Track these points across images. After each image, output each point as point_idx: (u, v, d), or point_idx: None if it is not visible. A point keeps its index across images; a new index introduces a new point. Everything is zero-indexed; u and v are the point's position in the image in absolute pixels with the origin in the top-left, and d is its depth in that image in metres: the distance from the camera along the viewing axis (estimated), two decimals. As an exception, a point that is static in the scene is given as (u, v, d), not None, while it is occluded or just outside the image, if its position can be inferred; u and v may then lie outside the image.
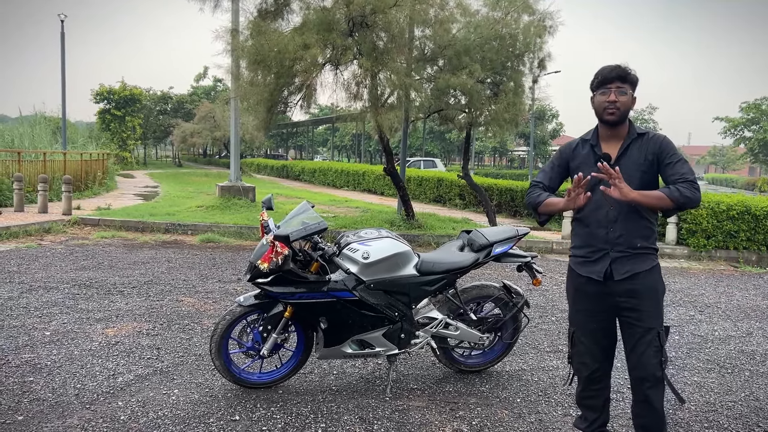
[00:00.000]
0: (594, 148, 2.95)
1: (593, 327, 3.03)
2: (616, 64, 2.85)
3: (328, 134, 65.88)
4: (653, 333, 2.84)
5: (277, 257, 3.47)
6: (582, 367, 3.13)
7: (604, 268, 2.89)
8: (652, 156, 2.83)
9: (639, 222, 2.85)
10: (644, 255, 2.87)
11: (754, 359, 5.03)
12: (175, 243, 10.09)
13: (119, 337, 4.93)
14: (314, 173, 29.86)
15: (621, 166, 2.83)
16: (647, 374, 2.86)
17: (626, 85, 2.82)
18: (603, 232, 2.89)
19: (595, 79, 2.89)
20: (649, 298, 2.86)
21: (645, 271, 2.86)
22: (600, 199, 2.86)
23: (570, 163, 3.05)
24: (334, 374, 4.31)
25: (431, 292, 4.04)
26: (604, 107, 2.84)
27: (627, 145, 2.88)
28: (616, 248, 2.86)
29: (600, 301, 2.96)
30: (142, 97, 41.48)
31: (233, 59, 10.56)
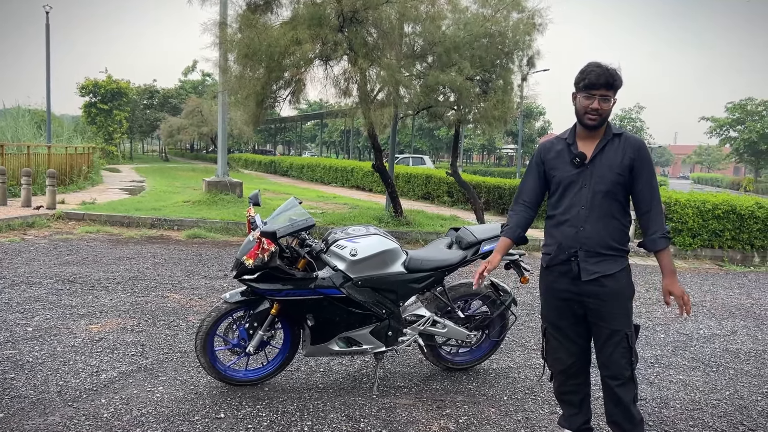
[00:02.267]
0: (570, 147, 2.94)
1: (564, 324, 3.04)
2: (604, 67, 2.78)
3: (317, 130, 65.69)
4: (620, 335, 2.85)
5: (263, 254, 3.44)
6: (556, 363, 3.13)
7: (573, 267, 2.89)
8: (628, 160, 2.82)
9: (610, 222, 2.84)
10: (613, 257, 2.86)
11: (738, 358, 5.07)
12: (161, 238, 10.01)
13: (103, 334, 4.87)
14: (302, 169, 29.76)
15: (595, 167, 2.85)
16: (616, 373, 2.88)
17: (611, 92, 2.79)
18: (573, 231, 2.88)
19: (581, 80, 2.82)
20: (615, 302, 2.85)
21: (613, 274, 2.84)
22: (573, 198, 2.88)
23: (545, 163, 3.03)
24: (320, 372, 4.28)
25: (419, 289, 4.03)
26: (585, 112, 2.82)
27: (603, 145, 2.86)
28: (585, 248, 2.85)
29: (568, 299, 2.96)
30: (129, 91, 41.06)
31: (221, 52, 10.46)
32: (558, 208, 2.95)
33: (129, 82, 41.02)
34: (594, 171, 2.84)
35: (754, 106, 49.29)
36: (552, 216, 3.01)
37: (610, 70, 2.78)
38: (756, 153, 49.95)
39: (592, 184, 2.84)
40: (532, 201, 3.12)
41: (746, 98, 49.84)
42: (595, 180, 2.84)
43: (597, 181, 2.83)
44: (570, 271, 2.91)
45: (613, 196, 2.83)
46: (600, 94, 2.77)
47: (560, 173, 2.93)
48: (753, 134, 48.04)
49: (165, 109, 48.26)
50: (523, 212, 3.13)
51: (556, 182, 2.96)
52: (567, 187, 2.90)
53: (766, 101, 48.41)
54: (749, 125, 48.84)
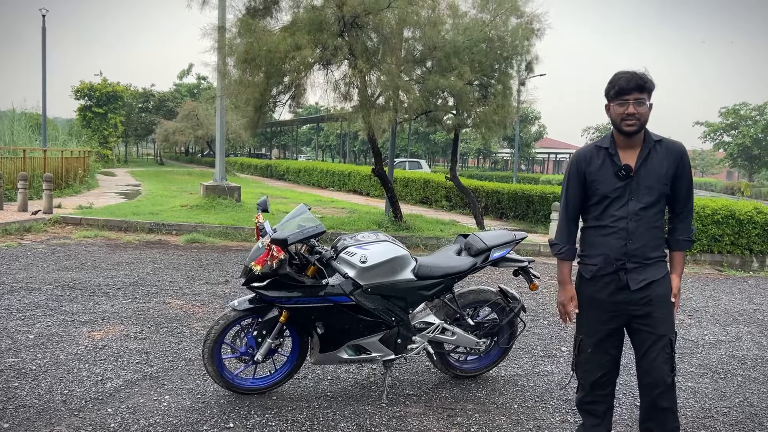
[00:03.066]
0: (613, 158, 2.85)
1: (602, 335, 2.97)
2: (632, 72, 2.75)
3: (312, 134, 65.62)
4: (665, 340, 2.81)
5: (272, 261, 3.40)
6: (587, 375, 3.06)
7: (621, 277, 2.85)
8: (673, 169, 2.82)
9: (654, 233, 2.84)
10: (657, 263, 2.86)
11: (745, 364, 5.05)
12: (160, 243, 9.94)
13: (106, 341, 4.81)
14: (299, 173, 29.70)
15: (640, 178, 2.80)
16: (658, 380, 2.82)
17: (644, 95, 2.74)
18: (621, 243, 2.83)
19: (612, 89, 2.78)
20: (662, 306, 2.85)
21: (659, 279, 2.85)
22: (619, 210, 2.83)
23: (587, 175, 2.93)
24: (328, 379, 4.24)
25: (428, 296, 3.99)
26: (622, 119, 2.76)
27: (646, 154, 2.81)
28: (633, 260, 2.83)
29: (612, 309, 2.91)
30: (124, 94, 40.96)
31: (221, 57, 10.43)
32: (603, 219, 2.89)
33: (127, 87, 40.94)
34: (640, 182, 2.79)
35: (747, 111, 49.60)
36: (595, 227, 2.94)
37: (639, 73, 2.74)
38: (750, 158, 50.25)
39: (639, 197, 2.80)
40: (577, 214, 3.05)
41: (740, 103, 50.14)
42: (642, 192, 2.80)
43: (644, 193, 2.79)
44: (617, 281, 2.87)
45: (658, 206, 2.84)
46: (633, 98, 2.72)
47: (604, 186, 2.86)
48: (747, 139, 48.34)
49: (160, 112, 48.17)
50: (574, 228, 3.06)
51: (599, 195, 2.88)
52: (613, 201, 2.85)
53: (759, 106, 48.72)
54: (743, 130, 49.13)
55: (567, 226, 3.05)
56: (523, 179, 37.28)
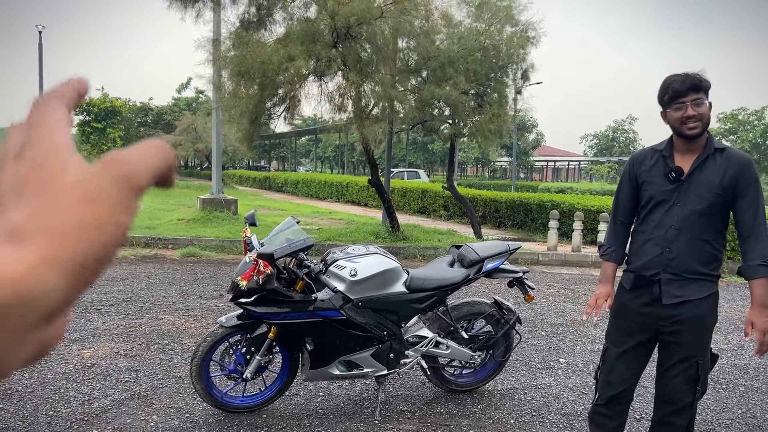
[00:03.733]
0: (666, 159, 2.72)
1: (628, 347, 2.83)
2: (684, 73, 2.62)
3: (311, 145, 65.69)
4: (691, 361, 2.65)
5: (258, 276, 3.32)
6: (606, 386, 2.92)
7: (654, 288, 2.70)
8: (729, 180, 2.57)
9: (700, 246, 2.62)
10: (700, 281, 2.64)
11: (747, 374, 4.96)
12: (156, 257, 9.86)
13: (96, 359, 4.73)
14: (297, 185, 29.66)
15: (692, 184, 2.63)
16: (673, 398, 2.69)
17: (701, 94, 2.58)
18: (658, 251, 2.68)
19: (665, 94, 2.65)
20: (693, 329, 2.65)
21: (697, 300, 2.64)
22: (662, 215, 2.69)
23: (638, 177, 2.83)
24: (320, 396, 4.15)
25: (421, 309, 3.91)
26: (682, 122, 2.61)
27: (703, 160, 2.63)
28: (669, 270, 2.65)
29: (641, 321, 2.78)
30: (123, 109, 41.02)
31: (215, 70, 10.40)
32: (645, 224, 2.77)
33: (126, 101, 41.01)
34: (690, 188, 2.62)
35: (746, 116, 49.64)
36: (638, 232, 2.83)
37: (692, 74, 2.61)
38: (749, 162, 50.13)
39: (686, 203, 2.63)
40: (628, 218, 2.94)
41: (738, 108, 50.21)
42: (690, 198, 2.62)
43: (693, 200, 2.62)
44: (650, 293, 2.73)
45: (708, 218, 2.62)
46: (690, 100, 2.57)
47: (653, 188, 2.73)
48: (746, 144, 48.31)
49: (159, 126, 48.24)
50: (621, 231, 2.96)
51: (647, 197, 2.76)
52: (658, 204, 2.70)
53: (758, 111, 48.76)
54: (741, 135, 49.14)
55: (614, 227, 2.97)
56: (522, 187, 37.22)
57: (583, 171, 72.34)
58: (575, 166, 69.02)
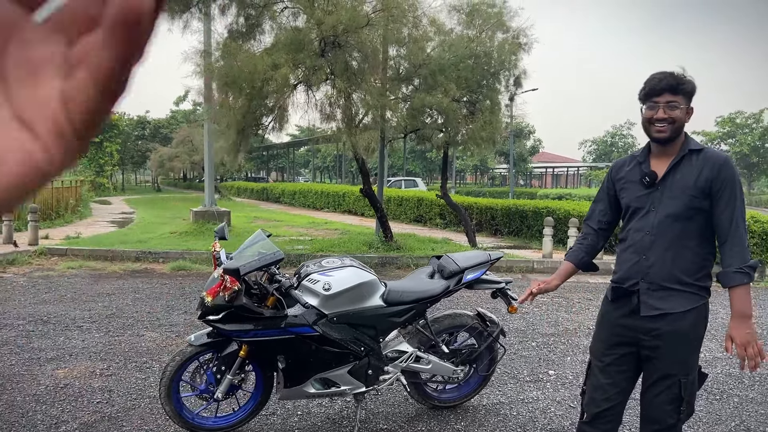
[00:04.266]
0: (641, 165, 2.63)
1: (610, 360, 2.68)
2: (666, 72, 2.50)
3: (310, 155, 65.68)
4: (673, 380, 2.49)
5: (225, 292, 3.19)
6: (591, 404, 2.75)
7: (633, 299, 2.57)
8: (705, 180, 2.44)
9: (681, 252, 2.47)
10: (682, 293, 2.48)
11: (742, 383, 4.81)
12: (145, 272, 9.73)
13: (69, 379, 4.58)
14: (294, 195, 29.55)
15: (666, 187, 2.52)
16: (656, 418, 2.54)
17: (678, 98, 2.45)
18: (635, 258, 2.55)
19: (643, 90, 2.54)
20: (675, 344, 2.49)
21: (678, 313, 2.47)
22: (638, 222, 2.58)
23: (615, 184, 2.75)
24: (298, 415, 4.00)
25: (400, 323, 3.77)
26: (650, 122, 2.51)
27: (677, 162, 2.52)
28: (647, 279, 2.51)
29: (620, 334, 2.64)
30: (120, 123, 41.02)
31: (204, 81, 10.32)
32: (626, 232, 2.67)
33: (122, 115, 40.97)
34: (665, 192, 2.52)
35: (743, 119, 49.60)
36: (621, 241, 2.72)
37: (674, 74, 2.47)
38: (748, 166, 50.13)
39: (661, 208, 2.52)
40: (600, 225, 2.84)
41: (735, 112, 50.17)
42: (665, 203, 2.51)
43: (667, 204, 2.50)
44: (629, 304, 2.59)
45: (686, 222, 2.48)
46: (664, 101, 2.45)
47: (629, 194, 2.64)
48: (744, 147, 48.26)
49: (156, 139, 48.23)
50: (590, 236, 2.86)
51: (625, 204, 2.68)
52: (635, 211, 2.61)
53: (755, 114, 48.72)
54: (740, 138, 49.10)
55: (584, 229, 2.91)
56: (521, 194, 37.11)
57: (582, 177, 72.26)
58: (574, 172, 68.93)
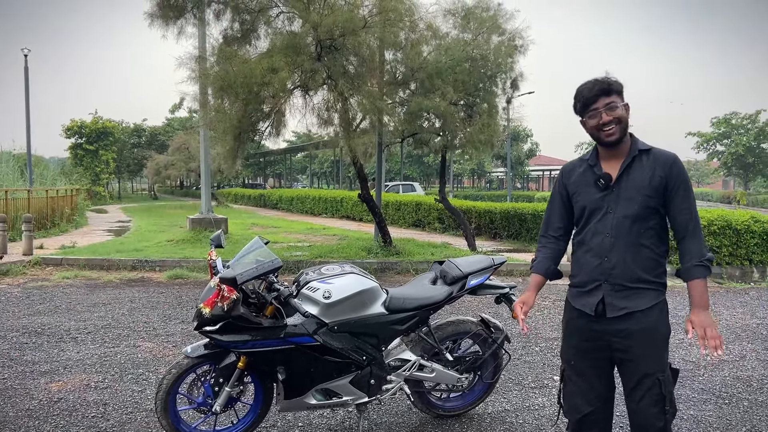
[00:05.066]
0: (593, 168, 2.63)
1: (584, 366, 2.68)
2: (594, 79, 2.54)
3: (307, 161, 65.58)
4: (652, 379, 2.49)
5: (222, 302, 3.08)
6: (572, 410, 2.74)
7: (597, 301, 2.56)
8: (658, 179, 2.49)
9: (640, 252, 2.51)
10: (644, 291, 2.51)
11: (750, 386, 4.72)
12: (141, 281, 9.61)
13: (63, 393, 4.47)
14: (292, 201, 29.45)
15: (621, 189, 2.53)
16: (646, 424, 2.51)
17: (613, 97, 2.50)
18: (597, 261, 2.56)
19: (578, 103, 2.57)
20: (645, 341, 2.50)
21: (643, 310, 2.50)
22: (596, 224, 2.57)
23: (568, 188, 2.74)
24: (299, 427, 3.90)
25: (402, 331, 3.67)
26: (599, 129, 2.53)
27: (629, 163, 2.54)
28: (611, 281, 2.53)
29: (591, 338, 2.63)
30: (115, 131, 40.87)
31: (200, 87, 10.22)
32: (583, 235, 2.65)
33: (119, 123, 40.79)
34: (620, 194, 2.53)
35: (739, 120, 49.67)
36: (577, 244, 2.70)
37: (599, 78, 2.52)
38: (744, 166, 50.20)
39: (618, 209, 2.53)
40: (559, 231, 2.82)
41: (731, 112, 50.25)
42: (622, 204, 2.52)
43: (624, 205, 2.52)
44: (593, 306, 2.57)
45: (643, 222, 2.51)
46: (603, 105, 2.49)
47: (583, 198, 2.63)
48: (740, 147, 48.32)
49: (153, 146, 48.10)
50: (551, 244, 2.84)
51: (579, 208, 2.66)
52: (591, 213, 2.60)
53: (751, 114, 48.80)
54: (735, 139, 49.16)
55: (542, 240, 2.88)
56: (519, 197, 37.07)
57: (579, 179, 72.21)
58: (571, 175, 68.81)
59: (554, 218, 2.82)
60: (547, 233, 2.86)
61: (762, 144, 48.61)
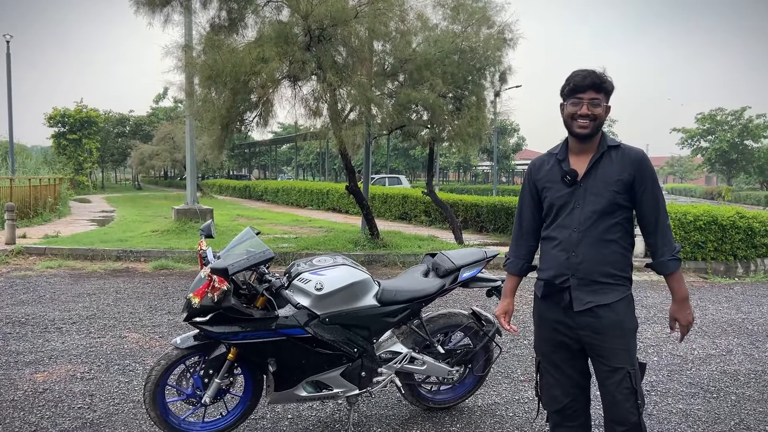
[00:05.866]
0: (561, 163, 2.63)
1: (558, 358, 2.71)
2: (590, 69, 2.53)
3: (293, 153, 65.28)
4: (622, 373, 2.51)
5: (213, 293, 3.04)
6: (551, 401, 2.77)
7: (565, 295, 2.57)
8: (627, 175, 2.51)
9: (607, 246, 2.53)
10: (611, 285, 2.54)
11: (738, 380, 4.75)
12: (126, 271, 9.51)
13: (48, 384, 4.40)
14: (277, 193, 29.30)
15: (589, 184, 2.55)
16: (621, 418, 2.53)
17: (600, 95, 2.51)
18: (564, 255, 2.57)
19: (566, 86, 2.56)
20: (614, 336, 2.52)
21: (610, 305, 2.53)
22: (564, 219, 2.59)
23: (537, 183, 2.74)
24: (288, 419, 3.86)
25: (394, 323, 3.65)
26: (573, 118, 2.53)
27: (597, 159, 2.56)
28: (578, 275, 2.54)
29: (562, 332, 2.65)
30: (99, 120, 40.35)
31: (186, 76, 10.08)
32: (551, 230, 2.66)
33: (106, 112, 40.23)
34: (588, 189, 2.54)
35: (723, 116, 50.13)
36: (545, 238, 2.71)
37: (597, 72, 2.51)
38: (727, 162, 50.70)
39: (586, 204, 2.54)
40: (531, 227, 2.81)
41: (716, 109, 50.72)
42: (589, 199, 2.53)
43: (591, 201, 2.53)
44: (562, 301, 2.59)
45: (610, 216, 2.53)
46: (588, 97, 2.49)
47: (552, 194, 2.63)
48: (723, 144, 48.79)
49: (137, 136, 47.58)
50: (525, 241, 2.84)
51: (548, 203, 2.66)
52: (560, 209, 2.60)
53: (736, 111, 49.27)
54: (719, 135, 49.63)
55: (516, 237, 2.88)
56: (504, 191, 37.18)
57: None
58: (556, 169, 69.19)
59: (525, 214, 2.82)
60: (521, 228, 2.85)
61: (746, 141, 49.13)
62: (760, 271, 10.42)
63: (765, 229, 10.55)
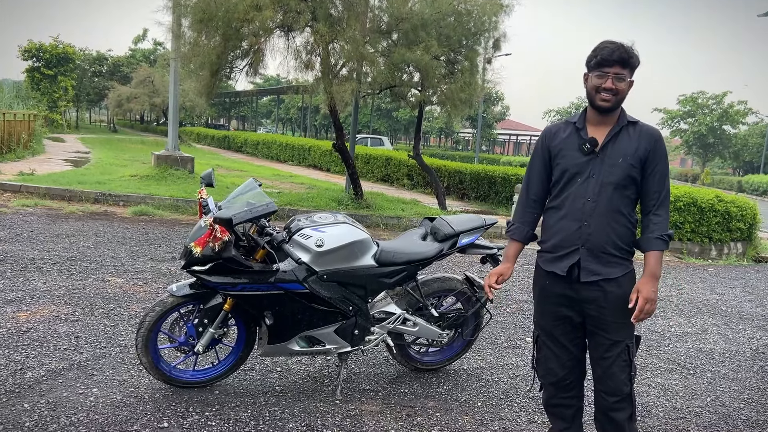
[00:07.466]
0: (580, 131, 2.62)
1: (558, 332, 2.74)
2: (618, 43, 2.50)
3: (273, 106, 64.28)
4: (621, 346, 2.57)
5: (214, 243, 3.00)
6: (548, 374, 2.83)
7: (571, 263, 2.58)
8: (643, 151, 2.53)
9: (618, 219, 2.55)
10: (618, 258, 2.56)
11: (713, 359, 4.90)
12: (105, 215, 9.35)
13: (32, 323, 4.34)
14: (257, 145, 28.93)
15: (606, 155, 2.55)
16: (614, 389, 2.60)
17: (626, 71, 2.50)
18: (576, 225, 2.57)
19: (593, 57, 2.53)
20: (617, 309, 2.55)
21: (615, 279, 2.55)
22: (578, 188, 2.57)
23: (551, 149, 2.70)
24: (277, 372, 3.88)
25: (390, 284, 3.66)
26: (597, 91, 2.52)
27: (616, 132, 2.56)
28: (587, 245, 2.55)
29: (565, 304, 2.67)
30: (76, 57, 39.09)
31: (175, 17, 9.77)
32: (560, 199, 2.64)
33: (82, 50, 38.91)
34: (605, 160, 2.54)
35: (705, 99, 50.58)
36: (552, 208, 2.69)
37: (625, 46, 2.49)
38: (704, 146, 51.40)
39: (602, 175, 2.53)
40: (538, 195, 2.79)
41: (698, 92, 51.11)
42: (605, 170, 2.53)
43: (608, 172, 2.53)
44: (566, 268, 2.60)
45: (623, 190, 2.54)
46: (614, 72, 2.48)
47: (566, 161, 2.61)
48: (702, 127, 49.37)
49: (115, 77, 46.30)
50: (531, 209, 2.81)
51: (560, 170, 2.64)
52: (573, 177, 2.59)
53: (717, 95, 49.72)
54: (699, 118, 50.16)
55: (523, 204, 2.85)
56: (484, 160, 37.27)
57: (543, 146, 72.89)
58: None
59: (534, 181, 2.79)
60: (528, 195, 2.82)
61: (724, 125, 49.77)
62: (733, 254, 10.67)
63: (741, 214, 10.76)
